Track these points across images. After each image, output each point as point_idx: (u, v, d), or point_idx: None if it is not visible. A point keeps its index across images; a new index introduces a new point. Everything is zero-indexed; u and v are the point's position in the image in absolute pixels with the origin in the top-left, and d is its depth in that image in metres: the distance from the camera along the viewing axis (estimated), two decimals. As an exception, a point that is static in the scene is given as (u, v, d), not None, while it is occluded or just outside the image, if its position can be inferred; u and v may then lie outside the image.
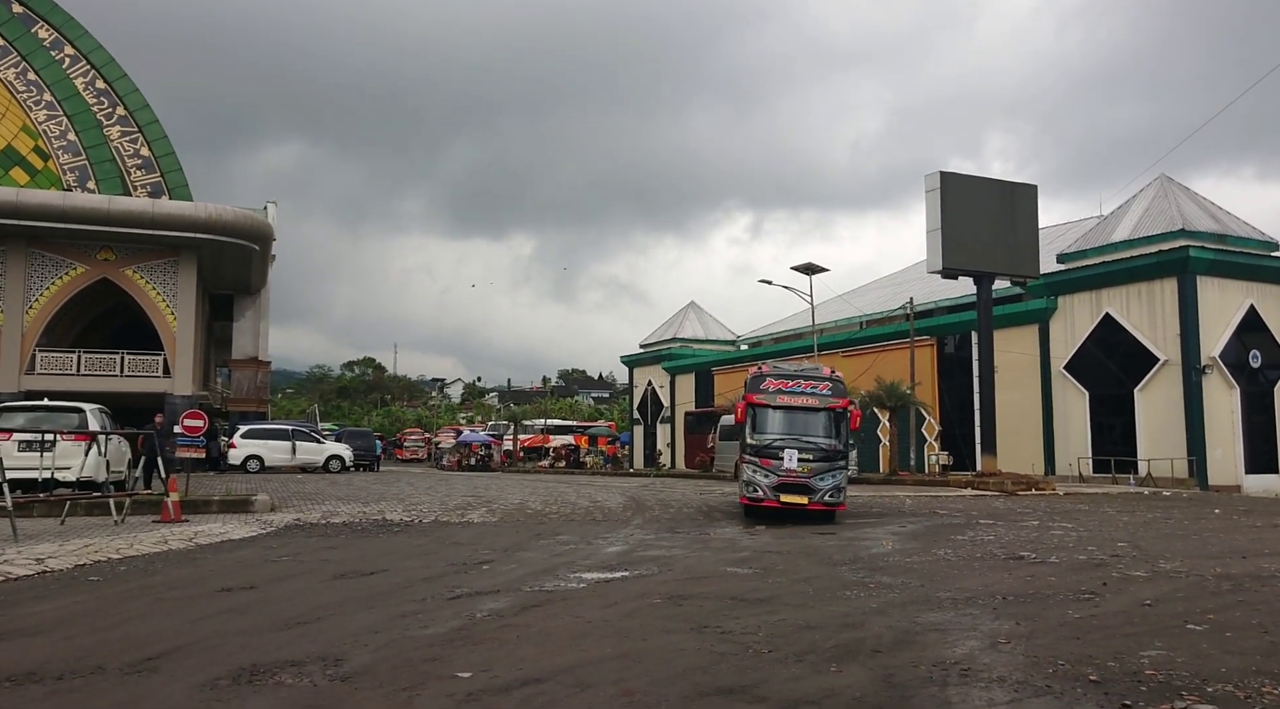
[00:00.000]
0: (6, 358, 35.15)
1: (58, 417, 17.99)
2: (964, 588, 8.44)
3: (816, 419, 15.99)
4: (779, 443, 15.65)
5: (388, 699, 4.74)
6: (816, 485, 15.38)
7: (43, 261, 36.10)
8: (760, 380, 16.30)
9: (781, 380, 16.24)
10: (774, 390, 16.08)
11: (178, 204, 38.26)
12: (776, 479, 15.49)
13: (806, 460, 15.42)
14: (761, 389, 16.13)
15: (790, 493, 15.40)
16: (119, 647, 5.92)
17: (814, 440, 15.70)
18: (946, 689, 4.97)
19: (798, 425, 15.90)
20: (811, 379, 16.33)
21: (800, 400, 16.00)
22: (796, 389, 16.06)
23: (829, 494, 15.47)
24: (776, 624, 6.73)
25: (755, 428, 16.01)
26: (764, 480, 15.56)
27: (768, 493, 15.51)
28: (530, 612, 7.24)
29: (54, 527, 13.55)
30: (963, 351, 39.74)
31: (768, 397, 16.07)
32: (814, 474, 15.40)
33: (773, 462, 15.55)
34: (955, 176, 30.93)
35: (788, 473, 15.42)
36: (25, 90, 42.03)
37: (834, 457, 15.70)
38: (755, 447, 15.82)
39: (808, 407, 15.98)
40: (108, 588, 8.45)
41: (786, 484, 15.42)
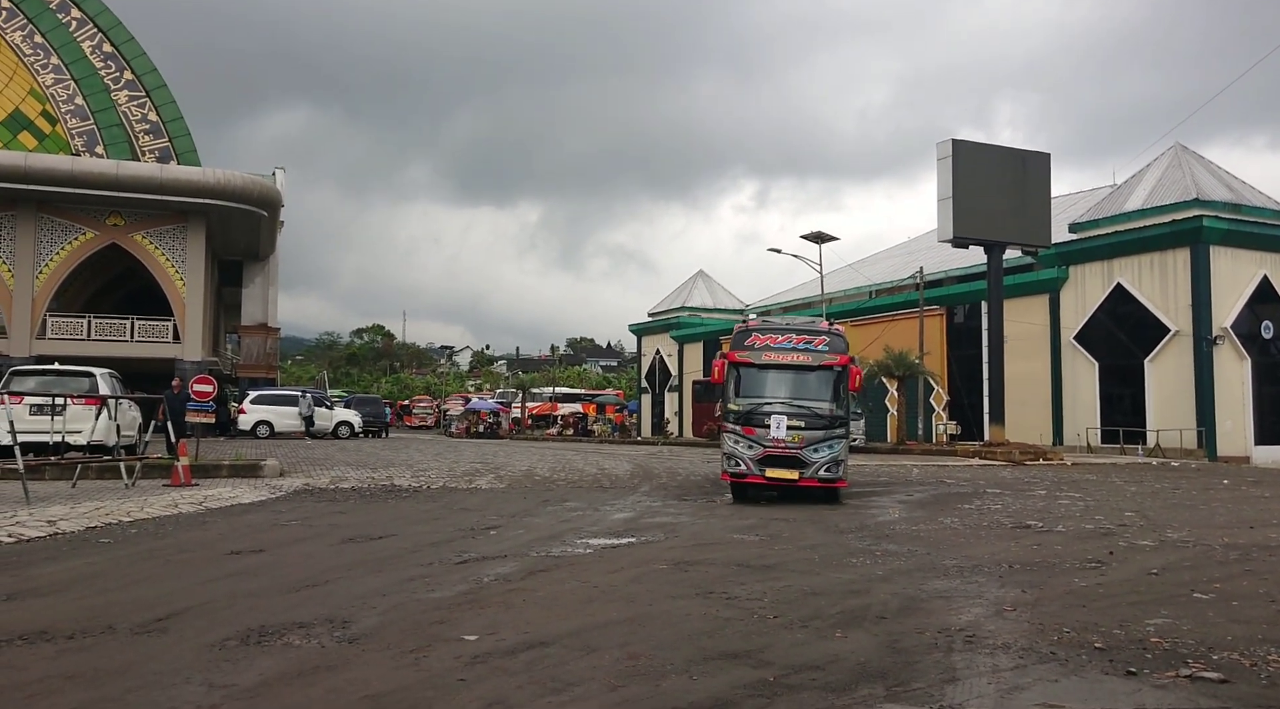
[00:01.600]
0: (17, 322, 35.31)
1: (69, 381, 18.10)
2: (970, 556, 8.45)
3: (810, 379, 13.64)
4: (765, 408, 13.44)
5: (394, 661, 4.77)
6: (809, 458, 13.20)
7: (52, 226, 36.15)
8: (745, 336, 14.04)
9: (769, 335, 13.89)
10: (760, 346, 13.77)
11: (186, 169, 38.21)
12: (761, 450, 13.25)
13: (798, 428, 13.20)
14: (746, 345, 13.88)
15: (777, 467, 13.23)
16: (129, 607, 5.97)
17: (807, 404, 13.46)
18: (951, 655, 4.97)
19: (787, 387, 13.65)
20: (805, 333, 13.94)
21: (790, 358, 13.65)
22: (786, 345, 13.72)
23: (825, 468, 13.22)
24: (782, 590, 6.75)
25: (738, 391, 13.81)
26: (747, 452, 13.34)
27: (751, 467, 13.32)
28: (537, 576, 7.27)
29: (65, 490, 13.65)
30: (972, 321, 39.56)
31: (752, 354, 13.79)
32: (806, 444, 13.20)
33: (757, 430, 13.33)
34: (966, 144, 30.62)
35: (774, 443, 13.20)
36: (32, 53, 41.81)
37: (831, 424, 13.41)
38: (737, 413, 13.61)
39: (799, 364, 13.63)
40: (118, 550, 8.51)
41: (773, 457, 13.23)
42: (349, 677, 4.49)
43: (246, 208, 37.16)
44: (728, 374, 13.89)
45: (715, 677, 4.54)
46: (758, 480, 13.42)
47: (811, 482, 13.28)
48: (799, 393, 13.60)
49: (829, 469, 13.27)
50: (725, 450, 13.68)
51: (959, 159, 29.69)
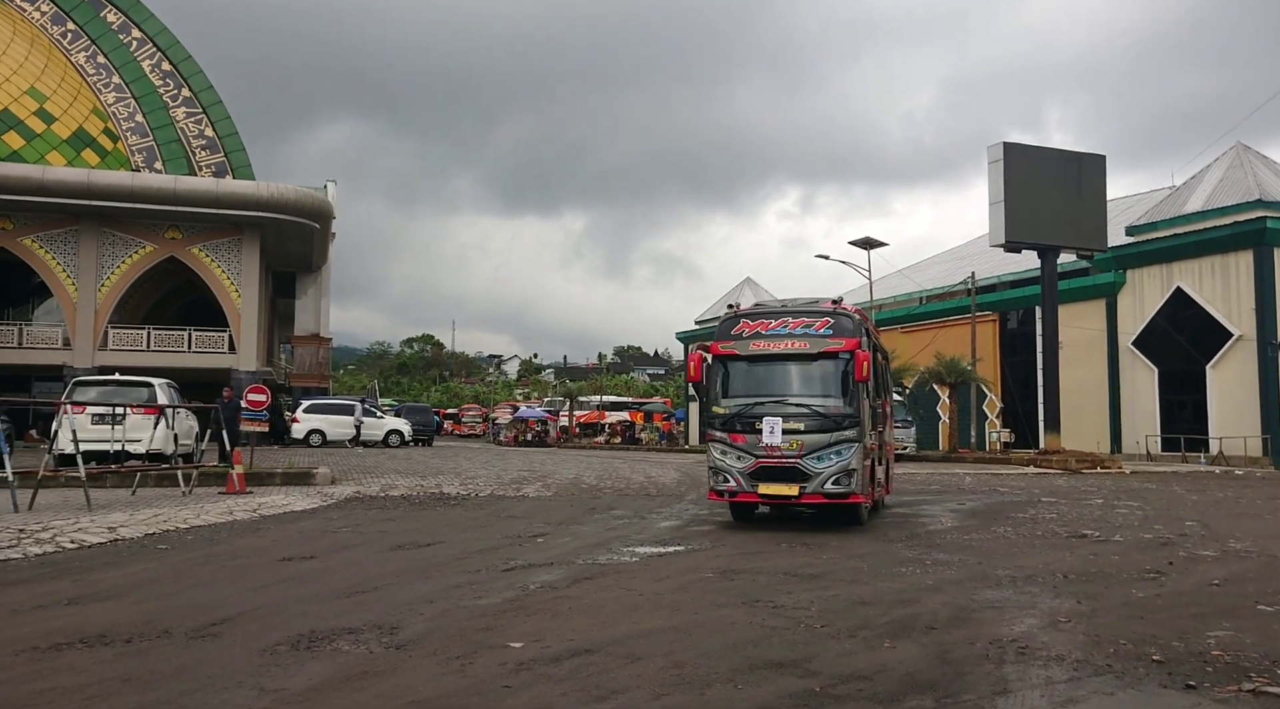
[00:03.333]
0: (81, 334, 36.33)
1: (128, 391, 18.55)
2: (1023, 566, 8.28)
3: (810, 371, 11.16)
4: (756, 408, 11.06)
5: (441, 667, 4.80)
6: (812, 468, 10.69)
7: (113, 241, 37.16)
8: (732, 323, 11.58)
9: (761, 320, 11.39)
10: (748, 334, 11.33)
11: (241, 183, 39.07)
12: (753, 461, 10.90)
13: (796, 432, 10.77)
14: (732, 335, 11.44)
15: (773, 481, 10.86)
16: (184, 612, 6.09)
17: (807, 401, 10.96)
18: (1003, 667, 4.87)
19: (783, 382, 11.25)
20: (804, 314, 11.32)
21: (785, 345, 11.14)
22: (780, 331, 11.21)
23: (832, 480, 10.67)
24: (829, 599, 6.67)
25: (725, 390, 11.48)
26: (736, 464, 11.02)
27: (742, 482, 10.99)
28: (582, 584, 7.28)
29: (125, 497, 13.99)
30: (1026, 327, 38.90)
31: (738, 344, 11.36)
32: (807, 452, 10.71)
33: (747, 437, 10.97)
34: (1019, 147, 30.14)
35: (768, 451, 10.81)
36: (95, 73, 43.10)
37: (840, 424, 10.79)
38: (723, 417, 11.28)
39: (796, 353, 11.13)
40: (175, 556, 8.70)
41: (767, 469, 10.86)
42: (396, 682, 4.53)
43: (299, 220, 37.87)
44: (712, 370, 11.60)
45: (761, 686, 4.50)
46: (750, 498, 11.16)
47: (815, 498, 10.83)
48: (797, 388, 11.18)
49: (837, 481, 10.69)
50: (711, 463, 11.42)
51: (1011, 162, 29.23)
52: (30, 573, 7.72)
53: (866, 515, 11.54)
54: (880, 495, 12.80)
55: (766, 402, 11.11)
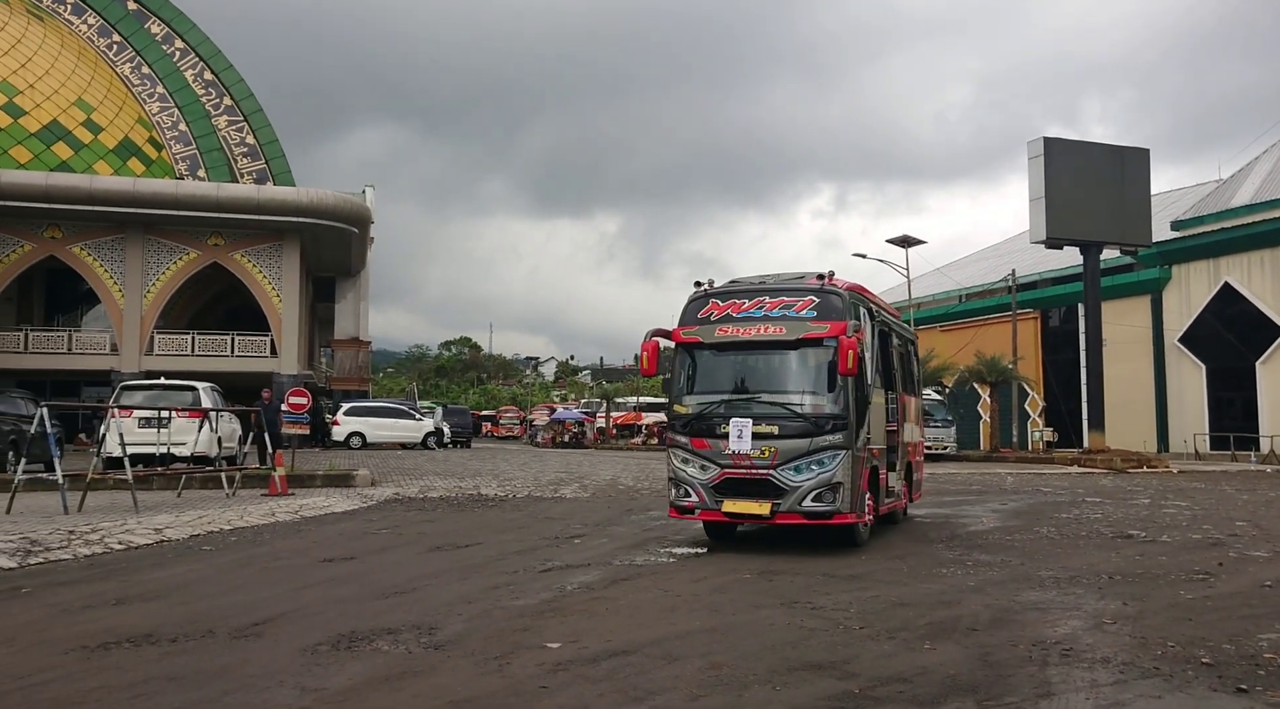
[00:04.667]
0: (127, 339, 37.08)
1: (173, 395, 18.89)
2: (1067, 566, 8.15)
3: (788, 361, 9.33)
4: (722, 407, 9.24)
5: (479, 667, 4.82)
6: (787, 481, 8.84)
7: (158, 247, 37.87)
8: (700, 304, 9.66)
9: (733, 301, 9.50)
10: (716, 318, 9.48)
11: (281, 189, 39.66)
12: (718, 472, 9.07)
13: (768, 436, 8.91)
14: (699, 318, 9.58)
15: (739, 497, 9.01)
16: (228, 612, 6.18)
17: (783, 399, 9.11)
18: (1046, 669, 4.79)
19: (754, 374, 9.46)
20: (784, 293, 9.39)
21: (757, 330, 9.23)
22: (755, 313, 9.31)
23: (813, 496, 8.80)
24: (869, 601, 6.61)
25: (688, 385, 9.66)
26: (698, 476, 9.19)
27: (705, 497, 9.15)
28: (620, 585, 7.28)
29: (171, 499, 14.24)
30: (1069, 324, 38.33)
31: (702, 329, 9.48)
32: (782, 461, 8.85)
33: (710, 442, 9.13)
34: (1059, 142, 29.70)
35: (735, 460, 8.98)
36: (140, 84, 43.98)
37: (823, 426, 8.89)
38: (684, 417, 9.46)
39: (770, 340, 9.20)
40: (219, 557, 8.83)
41: (734, 481, 9.03)
42: (434, 683, 4.56)
43: (338, 225, 38.34)
44: (675, 362, 9.80)
45: (799, 688, 4.47)
46: (714, 516, 9.24)
47: (792, 517, 8.86)
48: (773, 382, 9.35)
49: (819, 497, 8.80)
50: (670, 474, 9.61)
51: (1051, 158, 28.81)
52: (80, 573, 7.88)
53: (865, 535, 9.49)
54: (898, 506, 11.11)
55: (735, 399, 9.25)
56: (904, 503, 11.58)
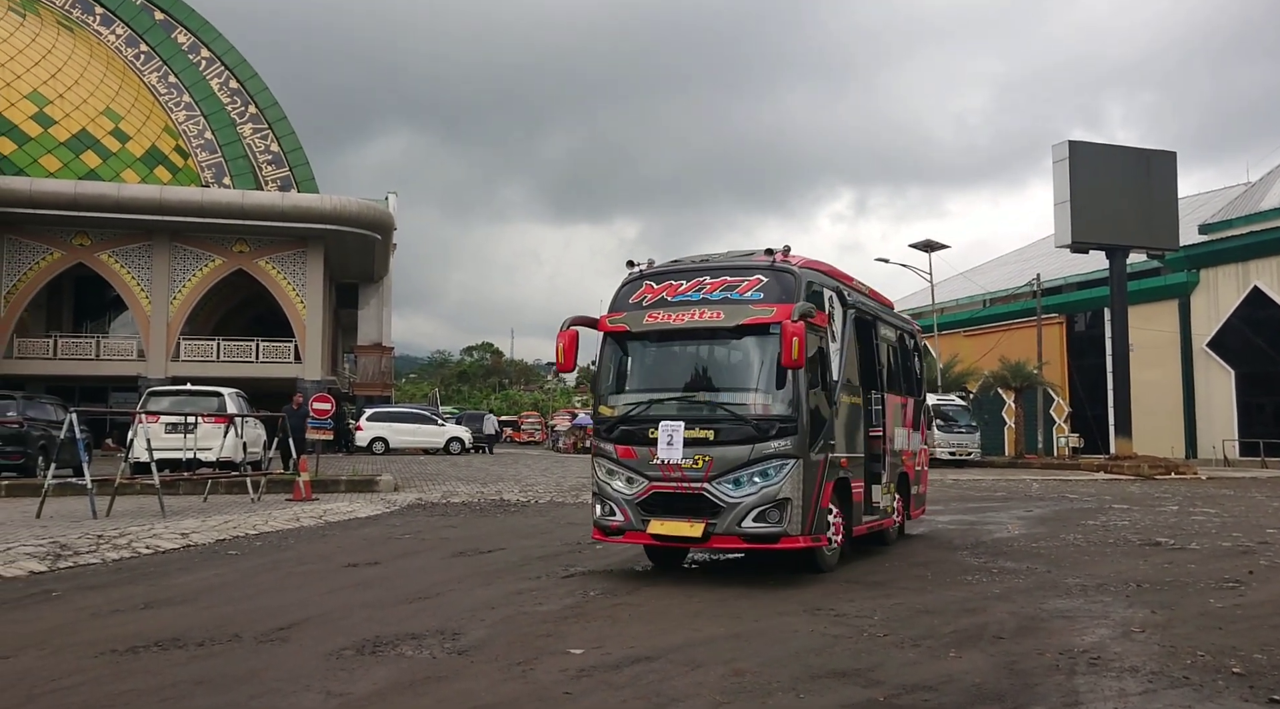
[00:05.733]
0: (154, 345, 37.47)
1: (199, 400, 19.07)
2: (1094, 574, 8.06)
3: (726, 353, 8.02)
4: (650, 408, 7.84)
5: (502, 672, 4.83)
6: (724, 496, 7.41)
7: (184, 255, 38.27)
8: (633, 288, 8.35)
9: (669, 282, 8.16)
10: (649, 302, 8.13)
11: (305, 197, 39.99)
12: (646, 485, 7.66)
13: (702, 442, 7.52)
14: (631, 303, 8.25)
15: (668, 515, 7.60)
16: (254, 617, 6.23)
17: (719, 398, 7.76)
18: (1074, 678, 4.74)
19: (688, 369, 8.11)
20: (727, 272, 8.05)
21: (690, 315, 7.85)
22: (690, 296, 7.96)
23: (754, 515, 7.38)
24: (893, 608, 6.57)
25: (616, 383, 8.28)
26: (624, 491, 7.78)
27: (630, 515, 7.73)
28: (642, 591, 7.27)
29: (197, 504, 14.37)
30: (1095, 329, 38.00)
31: (630, 315, 8.14)
32: (718, 473, 7.44)
33: (637, 449, 7.73)
34: (1084, 145, 29.48)
35: (664, 471, 7.58)
36: (167, 93, 44.51)
37: (767, 431, 7.47)
38: (610, 422, 8.07)
39: (706, 326, 7.81)
40: (244, 561, 8.90)
41: (662, 496, 7.63)
42: (458, 688, 4.58)
43: (361, 232, 38.61)
44: (601, 355, 8.40)
45: (823, 695, 4.45)
46: (640, 539, 7.80)
47: (730, 540, 7.50)
48: (709, 378, 8.02)
49: (763, 516, 7.37)
50: (595, 487, 8.15)
51: (1076, 161, 28.60)
52: (108, 577, 7.97)
53: (833, 560, 8.08)
54: (884, 524, 9.62)
55: (665, 399, 7.85)
56: (895, 521, 10.06)
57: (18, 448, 17.79)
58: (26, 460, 17.81)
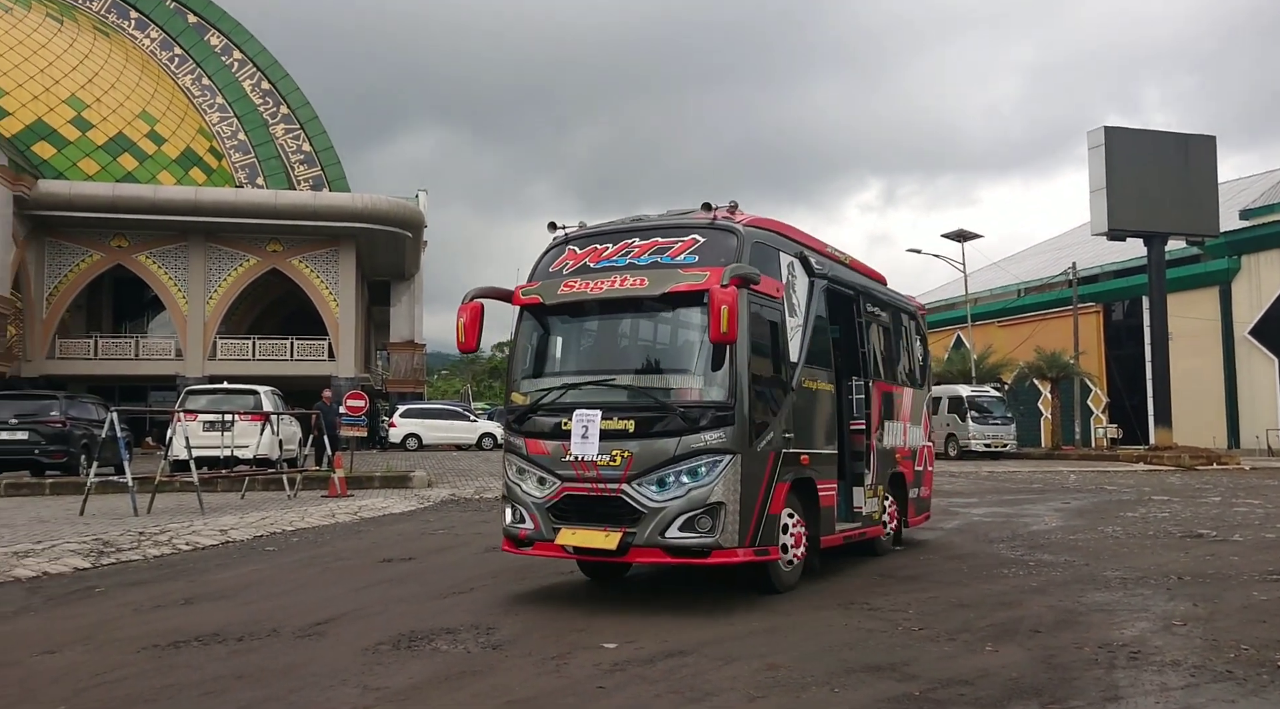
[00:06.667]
0: (191, 345, 38.02)
1: (235, 398, 19.34)
2: (1134, 567, 7.95)
3: (651, 328, 7.02)
4: (563, 394, 6.69)
5: (537, 667, 4.85)
6: (645, 500, 6.22)
7: (219, 255, 38.77)
8: (555, 254, 7.22)
9: (594, 246, 7.00)
10: (571, 269, 6.97)
11: (337, 196, 40.36)
12: (557, 486, 6.50)
13: (621, 435, 6.33)
14: (551, 272, 7.10)
15: (581, 522, 6.41)
16: (292, 612, 6.30)
17: (642, 382, 6.57)
18: (1114, 672, 4.68)
19: (609, 348, 6.98)
20: (658, 232, 6.90)
21: (610, 282, 6.65)
22: (615, 261, 6.79)
23: (680, 522, 6.17)
24: (927, 601, 6.52)
25: (533, 366, 7.15)
26: (534, 493, 6.62)
27: (540, 524, 6.56)
28: (675, 584, 7.27)
29: (235, 501, 14.57)
30: (1133, 318, 37.42)
31: (545, 286, 6.96)
32: (639, 471, 6.25)
33: (549, 444, 6.58)
34: (1121, 131, 29.00)
35: (578, 469, 6.39)
36: (200, 95, 45.08)
37: (696, 421, 6.26)
38: (520, 411, 6.90)
39: (628, 295, 6.59)
40: (281, 557, 9.02)
41: (575, 500, 6.45)
42: (493, 682, 4.60)
43: (392, 230, 38.89)
44: (516, 333, 7.20)
45: (858, 689, 4.42)
46: (549, 551, 6.60)
47: (651, 553, 6.27)
48: (631, 358, 6.90)
49: (691, 524, 6.16)
50: (504, 490, 7.06)
51: (1113, 147, 28.14)
52: (150, 574, 8.10)
53: (792, 577, 6.89)
54: (871, 532, 8.36)
55: (581, 383, 6.66)
56: (889, 528, 8.82)
57: (61, 447, 18.15)
58: (69, 459, 18.17)
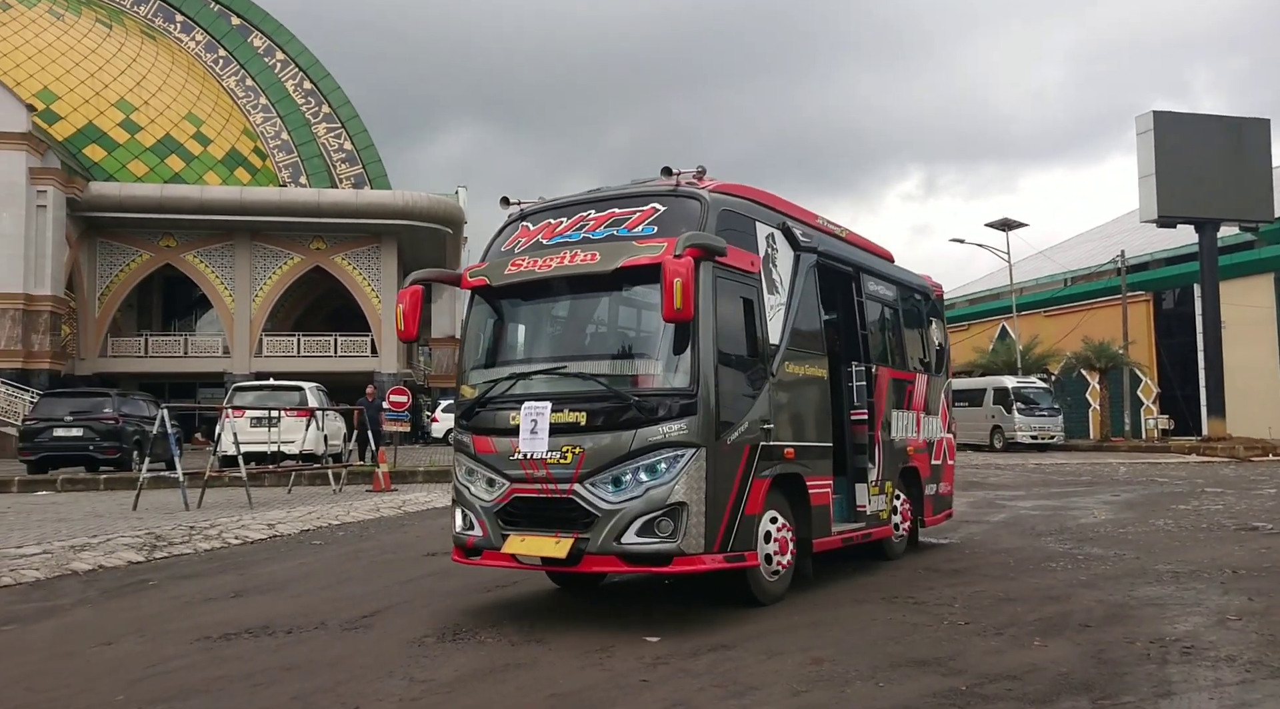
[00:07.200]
0: (238, 342, 38.71)
1: (281, 395, 19.66)
2: (1187, 560, 7.79)
3: (604, 308, 6.27)
4: (512, 385, 6.04)
5: (580, 660, 4.87)
6: (598, 501, 5.53)
7: (264, 253, 39.40)
8: (508, 234, 6.56)
9: (546, 223, 6.34)
10: (523, 247, 6.29)
11: (378, 193, 40.80)
12: (506, 488, 5.82)
13: (572, 428, 5.66)
14: (504, 251, 6.44)
15: (531, 527, 5.75)
16: (338, 605, 6.39)
17: (595, 368, 5.88)
18: (1166, 667, 4.59)
19: (558, 333, 6.43)
20: (615, 203, 6.22)
21: (560, 259, 5.97)
22: (569, 237, 6.11)
23: (638, 526, 5.46)
24: (973, 596, 6.44)
25: (484, 355, 6.51)
26: (483, 496, 5.96)
27: (488, 530, 5.89)
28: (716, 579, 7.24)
29: (282, 495, 14.81)
30: (1184, 306, 36.62)
31: (492, 266, 6.36)
32: (591, 468, 5.58)
33: (496, 441, 5.93)
34: (1170, 115, 28.37)
35: (526, 468, 5.74)
36: (244, 96, 45.78)
37: (653, 411, 5.54)
38: (466, 405, 6.25)
39: (577, 273, 5.93)
40: (328, 551, 9.15)
41: (525, 503, 5.79)
42: (537, 675, 4.63)
43: (433, 226, 39.24)
44: (467, 319, 6.72)
45: (903, 684, 4.38)
46: (498, 560, 5.93)
47: (606, 561, 5.57)
48: (583, 342, 6.25)
49: (648, 528, 5.46)
50: (453, 493, 6.41)
51: (1162, 132, 27.54)
52: (200, 567, 8.27)
53: (778, 588, 6.16)
54: (875, 533, 7.59)
55: (531, 372, 6.04)
56: (902, 530, 8.11)
57: (114, 443, 18.60)
58: (122, 455, 18.61)
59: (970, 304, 50.07)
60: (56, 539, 9.40)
